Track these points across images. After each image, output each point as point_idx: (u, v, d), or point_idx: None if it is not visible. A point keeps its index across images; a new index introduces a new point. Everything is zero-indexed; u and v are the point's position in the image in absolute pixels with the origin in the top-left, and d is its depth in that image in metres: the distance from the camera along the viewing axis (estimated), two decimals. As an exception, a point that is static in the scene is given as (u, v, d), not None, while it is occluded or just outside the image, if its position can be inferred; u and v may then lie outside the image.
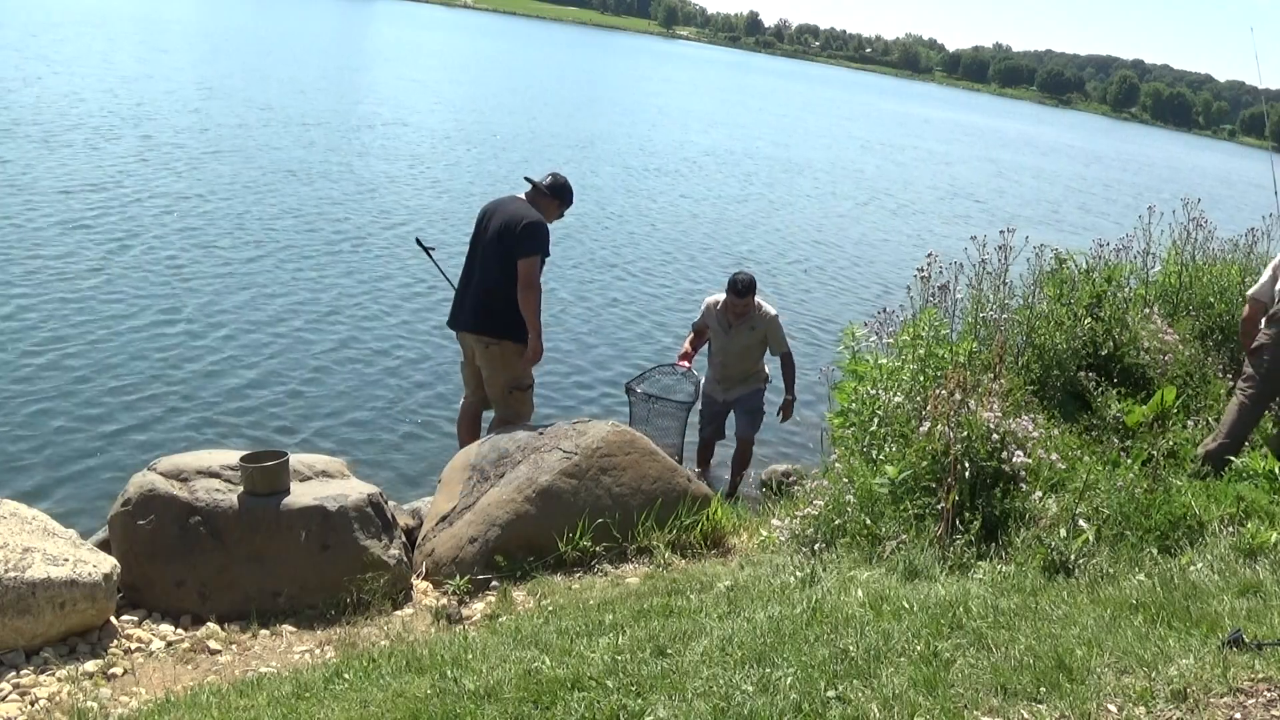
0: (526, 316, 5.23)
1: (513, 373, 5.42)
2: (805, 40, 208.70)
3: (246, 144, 16.07)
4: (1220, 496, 4.33)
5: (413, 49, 48.14)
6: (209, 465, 4.35)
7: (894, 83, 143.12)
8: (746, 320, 6.06)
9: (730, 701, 2.58)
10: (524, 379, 5.47)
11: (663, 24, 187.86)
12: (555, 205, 5.50)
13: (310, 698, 3.00)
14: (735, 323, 6.08)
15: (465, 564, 4.44)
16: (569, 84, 42.14)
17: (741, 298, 5.97)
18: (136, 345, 7.49)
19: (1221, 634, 2.88)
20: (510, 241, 5.22)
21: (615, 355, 9.06)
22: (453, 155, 18.54)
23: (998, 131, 62.30)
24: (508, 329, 5.29)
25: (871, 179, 25.87)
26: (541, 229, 5.27)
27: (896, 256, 15.53)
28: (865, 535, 4.13)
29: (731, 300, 6.01)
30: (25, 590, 3.49)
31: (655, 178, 19.81)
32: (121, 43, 28.81)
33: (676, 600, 3.65)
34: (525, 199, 5.41)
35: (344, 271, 10.18)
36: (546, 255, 5.31)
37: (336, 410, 7.05)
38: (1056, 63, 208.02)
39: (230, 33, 39.41)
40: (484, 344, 5.41)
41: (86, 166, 12.62)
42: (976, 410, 4.17)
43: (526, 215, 5.26)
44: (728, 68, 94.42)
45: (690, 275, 12.31)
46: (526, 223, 5.23)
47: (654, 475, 4.76)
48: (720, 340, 6.16)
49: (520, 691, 2.75)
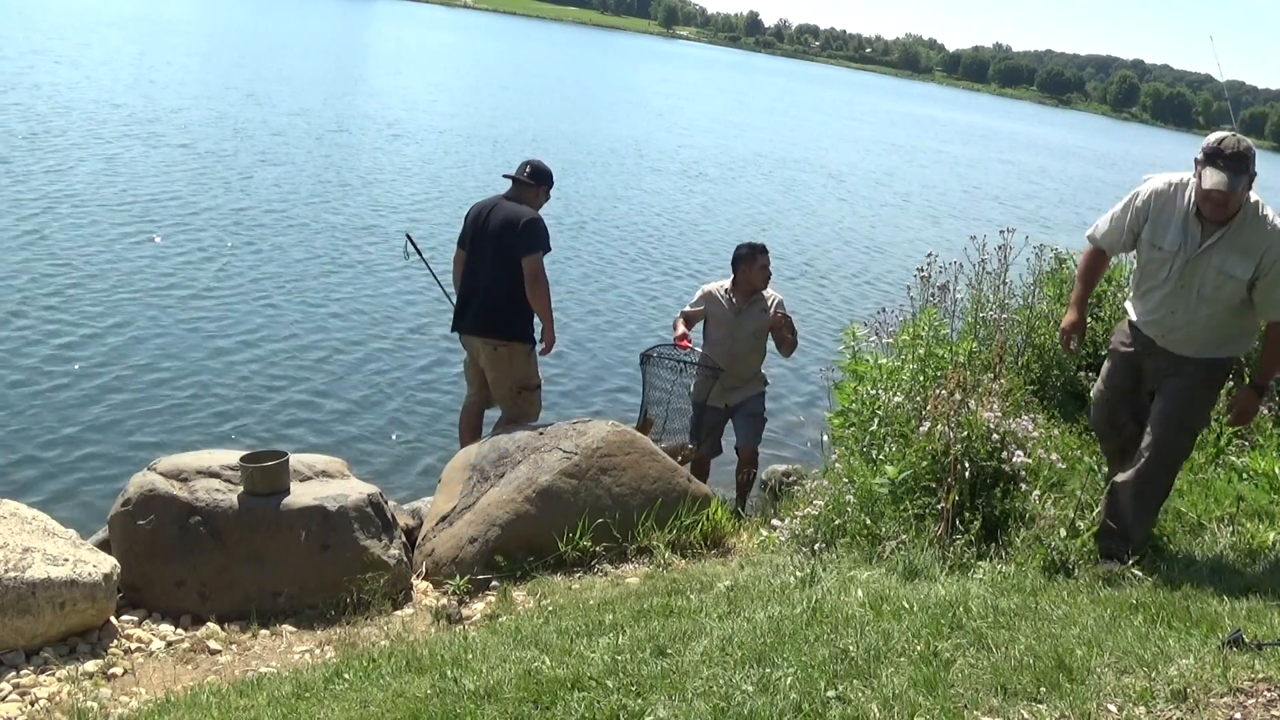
0: (539, 311, 5.26)
1: (521, 373, 5.44)
2: (805, 40, 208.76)
3: (248, 143, 16.07)
4: (1220, 496, 4.34)
5: (423, 51, 48.20)
6: (209, 465, 4.35)
7: (894, 83, 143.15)
8: (759, 301, 5.76)
9: (730, 701, 2.58)
10: (532, 379, 5.48)
11: (663, 24, 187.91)
12: (541, 192, 5.49)
13: (310, 698, 3.00)
14: (746, 305, 5.73)
15: (465, 564, 4.44)
16: (589, 87, 42.21)
17: (762, 255, 5.70)
18: (136, 345, 7.49)
19: (1221, 634, 2.88)
20: (511, 241, 5.24)
21: (618, 356, 9.05)
22: (458, 157, 18.52)
23: (1013, 134, 62.15)
24: (514, 330, 5.31)
25: (905, 183, 25.75)
26: (540, 225, 5.30)
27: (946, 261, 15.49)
28: (865, 535, 4.13)
29: (748, 268, 5.68)
30: (25, 590, 3.49)
31: (682, 180, 19.81)
32: (118, 42, 28.80)
33: (676, 600, 3.65)
34: (511, 196, 5.42)
35: (344, 271, 10.18)
36: (548, 250, 5.33)
37: (337, 410, 7.05)
38: (1056, 63, 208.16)
39: (230, 33, 39.39)
40: (491, 346, 5.41)
41: (86, 168, 12.62)
42: (976, 410, 4.17)
43: (523, 214, 5.29)
44: (729, 68, 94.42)
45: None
46: (525, 221, 5.25)
47: (654, 475, 4.76)
48: (727, 328, 5.72)
49: (520, 691, 2.75)
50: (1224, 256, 3.58)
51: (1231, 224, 3.57)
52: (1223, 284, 3.61)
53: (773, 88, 69.52)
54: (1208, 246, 3.60)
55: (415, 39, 57.96)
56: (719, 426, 5.94)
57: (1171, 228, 3.68)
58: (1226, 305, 3.66)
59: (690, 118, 34.82)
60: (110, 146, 14.04)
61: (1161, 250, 3.70)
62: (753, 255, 5.71)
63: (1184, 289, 3.68)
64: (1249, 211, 3.58)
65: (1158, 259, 3.73)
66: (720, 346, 5.73)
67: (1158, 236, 3.72)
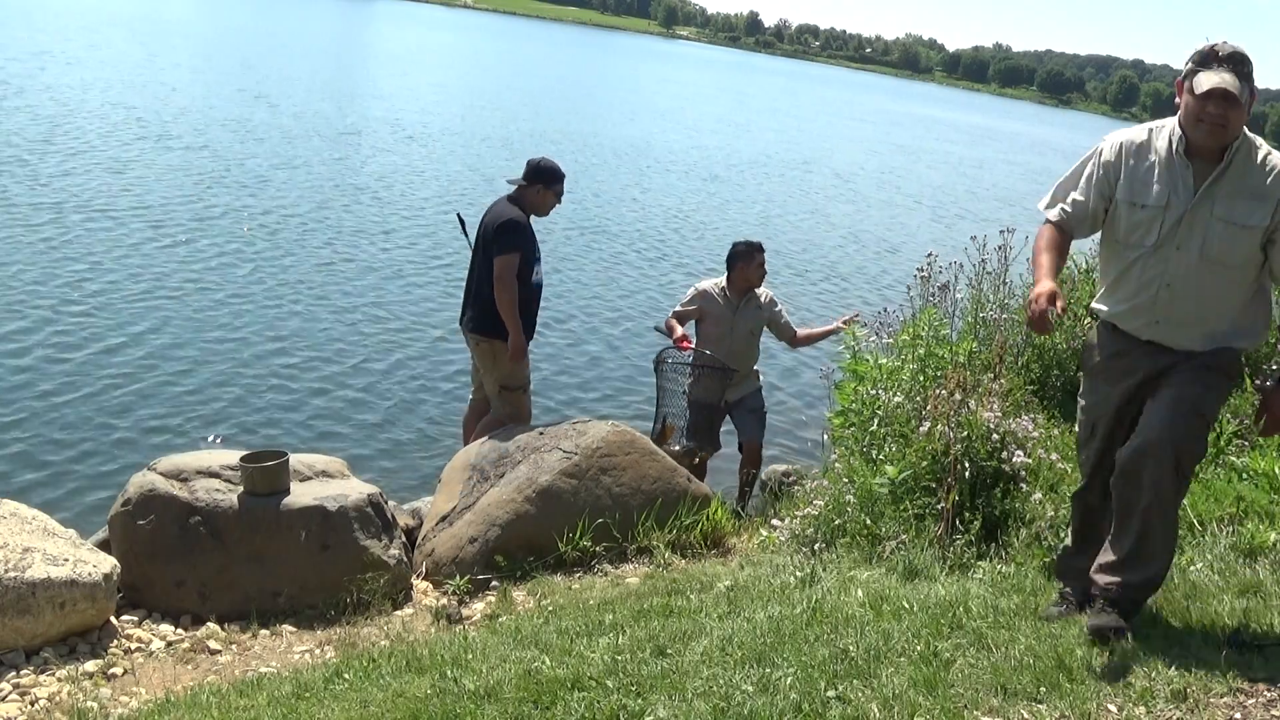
0: (501, 312, 5.26)
1: (502, 371, 5.45)
2: (805, 40, 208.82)
3: (247, 141, 16.07)
4: (1220, 496, 4.33)
5: (426, 52, 48.11)
6: (209, 465, 4.36)
7: (894, 83, 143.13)
8: (753, 298, 5.83)
9: (730, 701, 2.58)
10: (513, 379, 5.46)
11: (663, 24, 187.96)
12: (540, 191, 5.41)
13: (310, 698, 3.00)
14: (742, 303, 5.78)
15: (465, 564, 4.44)
16: (593, 88, 42.12)
17: (760, 253, 5.78)
18: (136, 345, 7.48)
19: (1221, 634, 2.88)
20: (490, 241, 5.31)
21: (623, 357, 9.06)
22: (472, 159, 18.48)
23: (1015, 134, 62.07)
24: (496, 328, 5.34)
25: (915, 184, 25.67)
26: (513, 226, 5.28)
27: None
28: (865, 535, 4.13)
29: (746, 266, 5.74)
30: (25, 590, 3.49)
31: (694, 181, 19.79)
32: (123, 44, 28.81)
33: (676, 600, 3.65)
34: (510, 198, 5.43)
35: (345, 271, 10.18)
36: (518, 251, 5.26)
37: (337, 410, 7.05)
38: (1056, 63, 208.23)
39: (233, 34, 39.39)
40: (475, 341, 5.50)
41: (86, 168, 12.62)
42: (976, 410, 4.17)
43: (502, 215, 5.34)
44: (730, 68, 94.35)
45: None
46: (500, 222, 5.31)
47: (654, 475, 4.76)
48: (724, 326, 5.76)
49: (520, 691, 2.75)
50: (1228, 204, 2.85)
51: (1231, 163, 2.85)
52: (1233, 239, 2.84)
53: (775, 88, 69.48)
54: (1205, 191, 2.86)
55: (417, 39, 57.94)
56: (718, 424, 6.00)
57: (1155, 179, 2.93)
58: (1240, 271, 2.89)
59: (695, 118, 34.76)
60: (127, 150, 13.97)
61: (1146, 208, 2.92)
62: (750, 253, 5.78)
63: (1181, 253, 2.88)
64: (1249, 149, 2.89)
65: (1142, 221, 2.93)
66: (719, 344, 5.76)
67: (1137, 192, 2.95)
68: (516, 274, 5.23)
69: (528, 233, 5.33)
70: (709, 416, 5.80)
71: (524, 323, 5.36)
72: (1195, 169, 2.88)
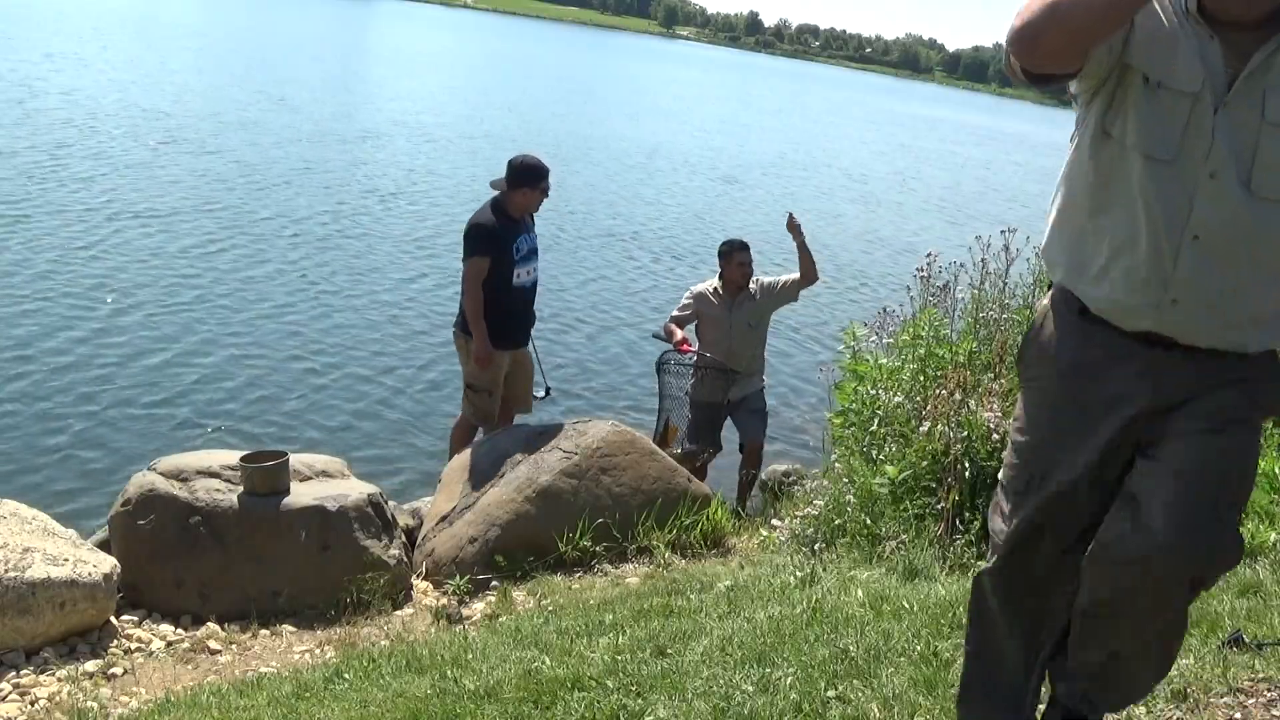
0: (468, 318, 5.31)
1: (467, 370, 5.52)
2: (805, 40, 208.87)
3: (247, 143, 16.07)
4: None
5: (428, 53, 48.01)
6: (209, 465, 4.36)
7: (895, 83, 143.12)
8: (746, 292, 5.85)
9: (730, 701, 2.58)
10: (476, 380, 5.48)
11: (663, 24, 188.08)
12: (518, 190, 5.33)
13: (310, 698, 3.00)
14: (735, 297, 5.81)
15: (465, 564, 4.44)
16: (597, 89, 41.89)
17: (745, 251, 5.83)
18: (136, 345, 7.48)
19: (1221, 634, 2.88)
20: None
21: (625, 358, 9.06)
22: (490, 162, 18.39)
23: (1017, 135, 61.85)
24: (463, 325, 5.42)
25: (927, 186, 25.52)
26: (474, 230, 5.30)
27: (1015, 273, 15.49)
28: (865, 535, 4.13)
29: (736, 263, 5.79)
30: (25, 590, 3.49)
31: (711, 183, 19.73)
32: (132, 46, 28.81)
33: (676, 600, 3.65)
34: (494, 202, 5.43)
35: (345, 272, 10.17)
36: (484, 256, 5.24)
37: (337, 410, 7.05)
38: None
39: (236, 36, 39.39)
40: (453, 335, 5.63)
41: (86, 169, 12.62)
42: (976, 410, 4.17)
43: (470, 220, 5.38)
44: (730, 68, 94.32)
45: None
46: (466, 228, 5.36)
47: (654, 475, 4.76)
48: (722, 327, 5.80)
49: (520, 691, 2.75)
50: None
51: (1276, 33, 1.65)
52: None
53: (777, 88, 69.41)
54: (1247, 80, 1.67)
55: (418, 40, 57.90)
56: (719, 423, 6.01)
57: (1180, 50, 1.71)
58: None
59: (701, 119, 34.63)
60: (130, 153, 13.88)
61: (1167, 91, 1.72)
62: (730, 253, 5.85)
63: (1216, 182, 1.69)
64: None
65: (1162, 109, 1.72)
66: (718, 345, 5.79)
67: (1157, 65, 1.73)
68: (493, 278, 5.24)
69: (497, 237, 5.27)
70: (711, 417, 5.82)
71: (506, 326, 5.37)
72: (1226, 47, 1.69)
